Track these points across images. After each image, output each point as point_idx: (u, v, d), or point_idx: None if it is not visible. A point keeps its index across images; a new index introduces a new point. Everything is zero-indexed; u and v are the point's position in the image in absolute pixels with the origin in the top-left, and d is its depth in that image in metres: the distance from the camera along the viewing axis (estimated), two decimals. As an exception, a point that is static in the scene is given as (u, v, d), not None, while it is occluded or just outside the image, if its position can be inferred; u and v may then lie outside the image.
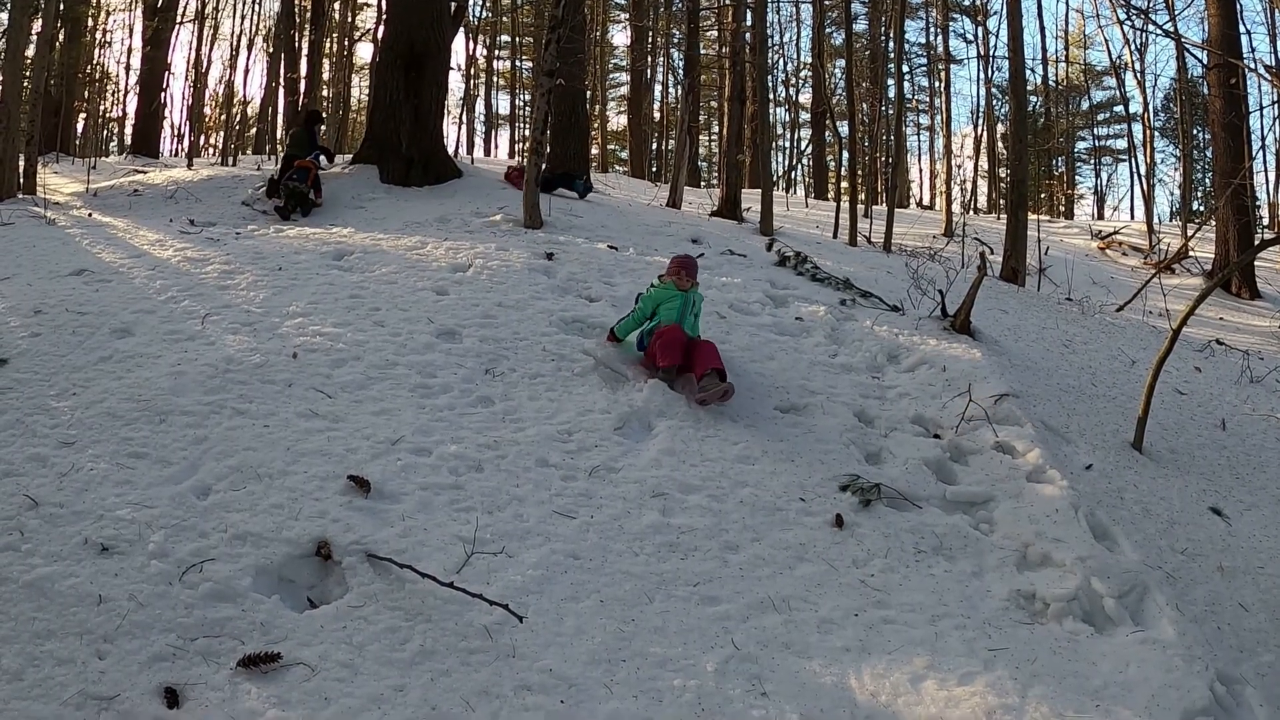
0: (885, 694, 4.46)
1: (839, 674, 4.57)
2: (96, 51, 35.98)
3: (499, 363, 7.46)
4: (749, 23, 20.48)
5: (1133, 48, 29.68)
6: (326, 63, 35.81)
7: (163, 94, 30.50)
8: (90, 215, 12.20)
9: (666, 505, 5.83)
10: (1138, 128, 32.36)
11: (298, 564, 4.99)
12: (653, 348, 7.59)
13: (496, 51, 51.08)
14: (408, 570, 4.84)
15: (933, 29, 41.89)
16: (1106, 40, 37.85)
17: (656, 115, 47.95)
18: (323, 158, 15.15)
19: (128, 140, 32.90)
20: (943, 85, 33.32)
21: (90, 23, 32.65)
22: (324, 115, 19.72)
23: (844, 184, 22.84)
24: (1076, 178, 48.91)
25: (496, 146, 54.83)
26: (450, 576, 4.85)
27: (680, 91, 36.42)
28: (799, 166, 45.62)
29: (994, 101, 36.39)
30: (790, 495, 6.10)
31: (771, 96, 37.34)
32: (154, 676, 4.06)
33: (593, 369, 7.52)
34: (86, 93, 35.02)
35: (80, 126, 35.10)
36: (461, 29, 20.65)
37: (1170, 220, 34.47)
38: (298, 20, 32.15)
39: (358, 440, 6.10)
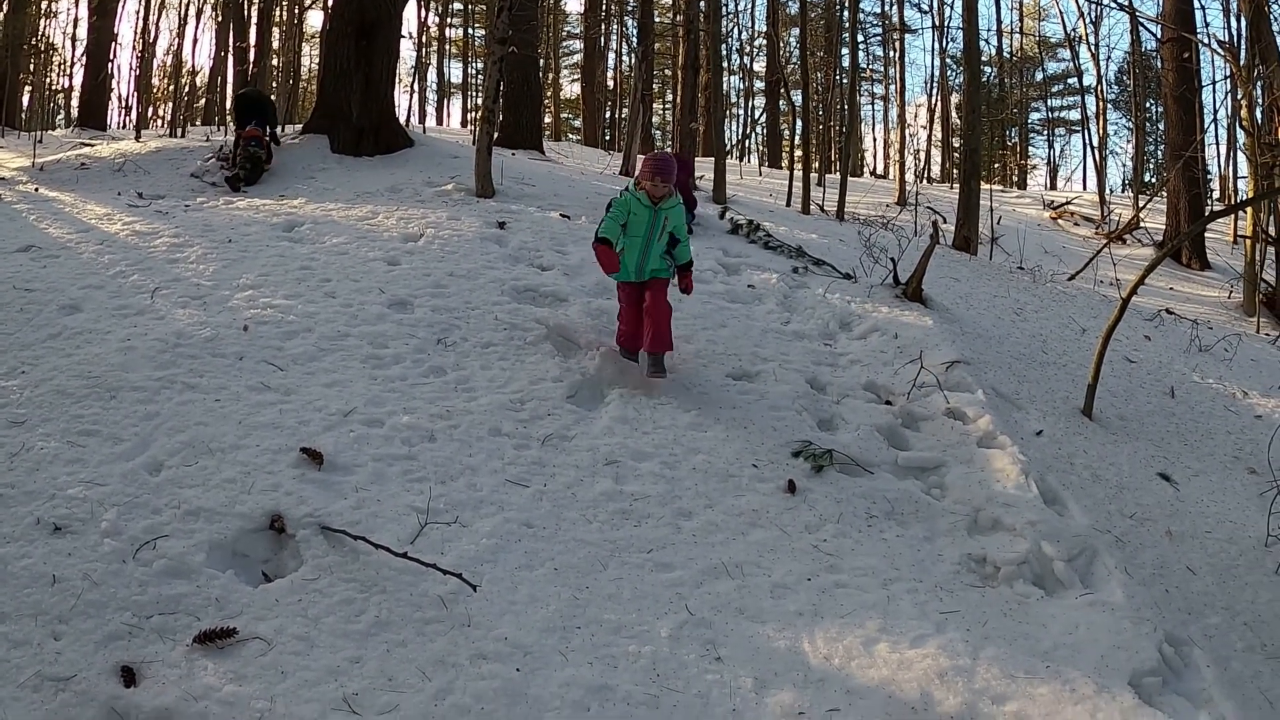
0: (838, 657, 4.50)
1: (792, 638, 4.61)
2: (42, 22, 35.42)
3: (451, 332, 7.44)
4: (703, -9, 20.44)
5: (1087, 20, 29.92)
6: (276, 31, 35.43)
7: (110, 65, 30.10)
8: (36, 190, 12.01)
9: (619, 473, 5.85)
10: (1091, 99, 32.62)
11: (251, 538, 4.96)
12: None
13: (449, 19, 50.73)
14: (362, 542, 4.84)
15: (887, -2, 41.98)
16: (1061, 12, 38.19)
17: (610, 83, 47.85)
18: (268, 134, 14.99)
19: (74, 113, 32.44)
20: (897, 55, 33.45)
21: (36, -8, 32.15)
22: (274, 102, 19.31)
23: (798, 152, 22.87)
24: (1030, 148, 49.27)
25: (449, 115, 54.67)
26: (404, 547, 4.85)
27: (634, 59, 36.33)
28: (753, 135, 45.67)
29: (948, 72, 36.57)
30: (743, 462, 6.13)
31: (725, 65, 37.35)
32: (110, 655, 4.02)
33: (545, 338, 7.52)
34: (32, 65, 34.46)
35: (26, 100, 34.57)
36: (413, -3, 20.48)
37: (1122, 191, 34.80)
38: (247, -12, 31.80)
39: (310, 412, 6.07)
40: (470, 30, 50.85)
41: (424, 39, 40.85)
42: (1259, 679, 4.92)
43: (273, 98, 16.72)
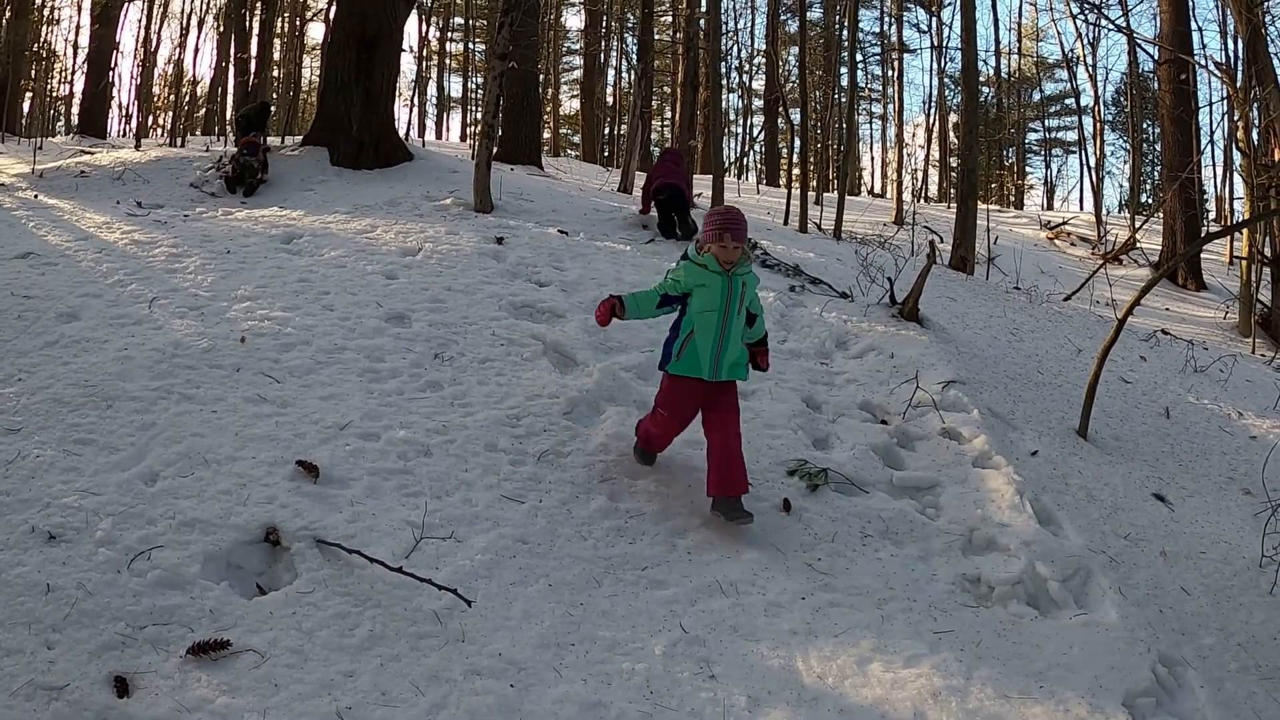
0: (832, 676, 4.50)
1: (786, 656, 4.61)
2: (44, 29, 35.44)
3: (448, 347, 7.44)
4: (703, 8, 20.49)
5: (1085, 41, 30.09)
6: (277, 43, 35.45)
7: (111, 73, 30.15)
8: (36, 197, 12.03)
9: (614, 490, 5.85)
10: (1088, 120, 32.71)
11: (246, 550, 4.96)
12: (646, 428, 6.10)
13: (449, 34, 50.83)
14: (357, 555, 4.84)
15: (887, 18, 42.20)
16: (1059, 33, 38.27)
17: (609, 100, 47.91)
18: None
19: (75, 120, 32.46)
20: (895, 74, 33.55)
21: (38, -1, 32.20)
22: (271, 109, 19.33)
23: (795, 171, 22.91)
24: (1027, 168, 49.45)
25: (448, 129, 54.75)
26: (399, 561, 4.85)
27: (634, 76, 36.42)
28: (751, 153, 45.76)
29: (946, 91, 36.68)
30: (739, 480, 6.13)
31: (724, 83, 37.45)
32: (104, 666, 4.02)
33: (542, 353, 7.53)
34: (33, 71, 34.49)
35: (26, 106, 34.58)
36: (414, 10, 20.52)
37: (1119, 212, 34.95)
38: (249, -1, 31.80)
39: (306, 425, 6.07)
40: (471, 45, 50.91)
41: (424, 53, 40.90)
42: (1253, 700, 4.92)
43: (268, 104, 16.74)
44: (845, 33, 23.46)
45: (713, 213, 5.89)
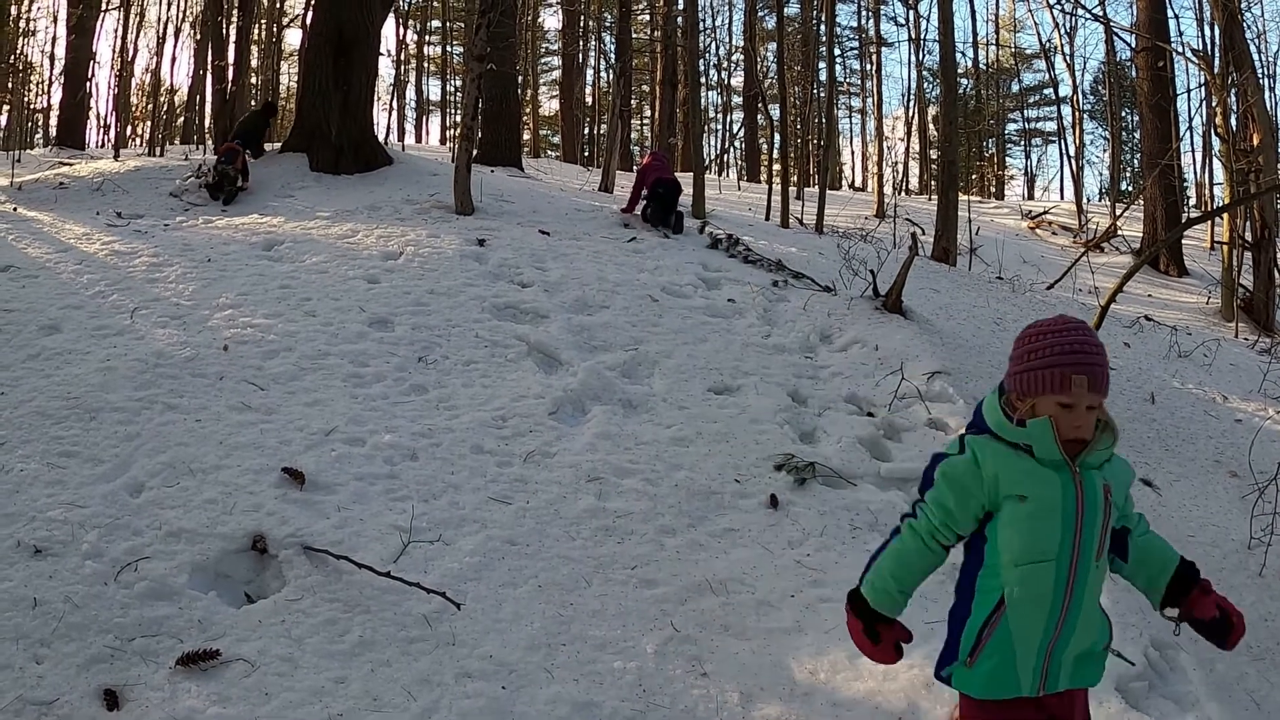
0: (824, 671, 4.49)
1: (777, 653, 4.60)
2: (20, 41, 35.25)
3: (432, 350, 7.43)
4: (680, 6, 20.47)
5: (1062, 31, 30.15)
6: (255, 49, 35.36)
7: (88, 83, 29.98)
8: (15, 210, 11.96)
9: (602, 489, 5.84)
10: (1067, 110, 32.81)
11: (234, 559, 4.94)
12: None
13: (427, 36, 50.76)
14: (345, 561, 4.82)
15: (864, 12, 42.23)
16: (1036, 24, 38.42)
17: (589, 99, 47.90)
18: (248, 151, 14.86)
19: (52, 132, 32.30)
20: (874, 68, 33.57)
21: (14, 10, 31.96)
22: (277, 110, 19.31)
23: (776, 166, 22.93)
24: (1007, 159, 49.60)
25: (427, 133, 54.65)
26: (387, 566, 4.83)
27: (612, 75, 36.40)
28: (731, 150, 45.81)
29: (925, 84, 36.72)
30: (725, 477, 6.12)
31: (703, 80, 37.43)
32: (93, 679, 3.99)
33: (526, 354, 7.52)
34: (10, 83, 34.30)
35: (3, 119, 34.43)
36: (391, 13, 20.47)
37: (1099, 200, 35.03)
38: (225, 6, 31.66)
39: (291, 432, 6.05)
40: (449, 47, 50.79)
41: (402, 56, 40.86)
42: (1245, 680, 4.94)
43: (272, 104, 16.73)
44: (823, 27, 23.49)
45: (1039, 332, 2.95)
